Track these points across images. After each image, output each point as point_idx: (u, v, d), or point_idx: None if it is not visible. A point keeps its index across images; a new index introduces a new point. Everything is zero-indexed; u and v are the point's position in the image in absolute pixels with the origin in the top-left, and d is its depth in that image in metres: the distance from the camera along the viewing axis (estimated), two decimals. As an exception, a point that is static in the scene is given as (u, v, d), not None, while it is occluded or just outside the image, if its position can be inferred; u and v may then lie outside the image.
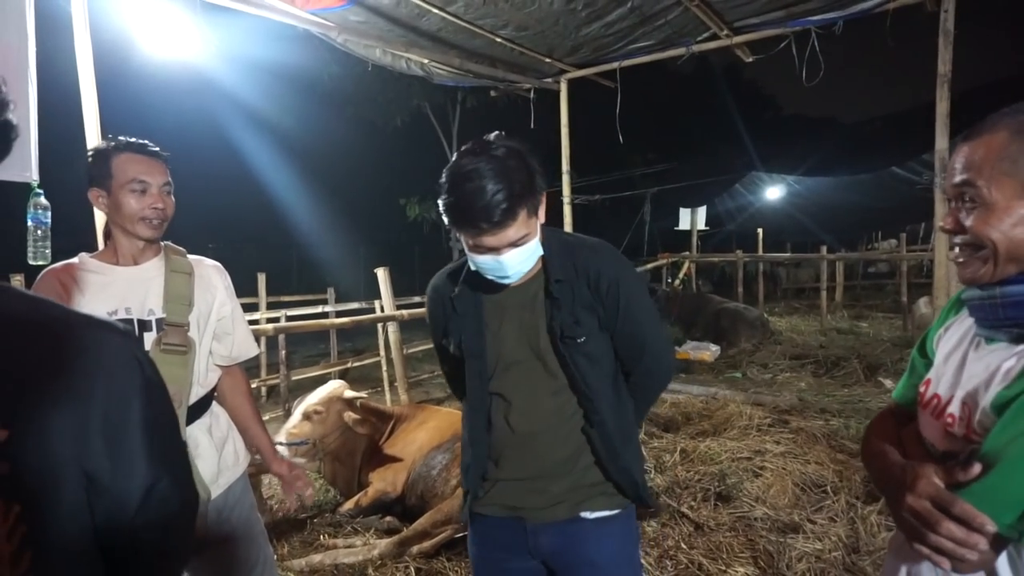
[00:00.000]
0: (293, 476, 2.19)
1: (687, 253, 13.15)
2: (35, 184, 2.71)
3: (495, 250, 1.44)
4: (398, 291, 6.56)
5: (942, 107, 4.02)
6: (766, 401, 5.89)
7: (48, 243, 2.93)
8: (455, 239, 16.21)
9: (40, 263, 2.93)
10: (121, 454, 0.94)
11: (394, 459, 3.80)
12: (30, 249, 2.83)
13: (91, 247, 3.25)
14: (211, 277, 2.00)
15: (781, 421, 5.16)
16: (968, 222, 1.03)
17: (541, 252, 1.54)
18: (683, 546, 3.18)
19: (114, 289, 1.81)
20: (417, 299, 9.00)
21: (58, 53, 3.30)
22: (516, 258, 1.47)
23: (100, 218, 3.25)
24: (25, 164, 2.65)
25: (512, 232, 1.43)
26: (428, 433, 3.78)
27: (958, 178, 1.03)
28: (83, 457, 0.90)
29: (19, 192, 2.72)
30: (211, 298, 1.96)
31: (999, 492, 0.94)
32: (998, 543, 0.97)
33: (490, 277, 1.53)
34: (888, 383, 6.54)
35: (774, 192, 17.64)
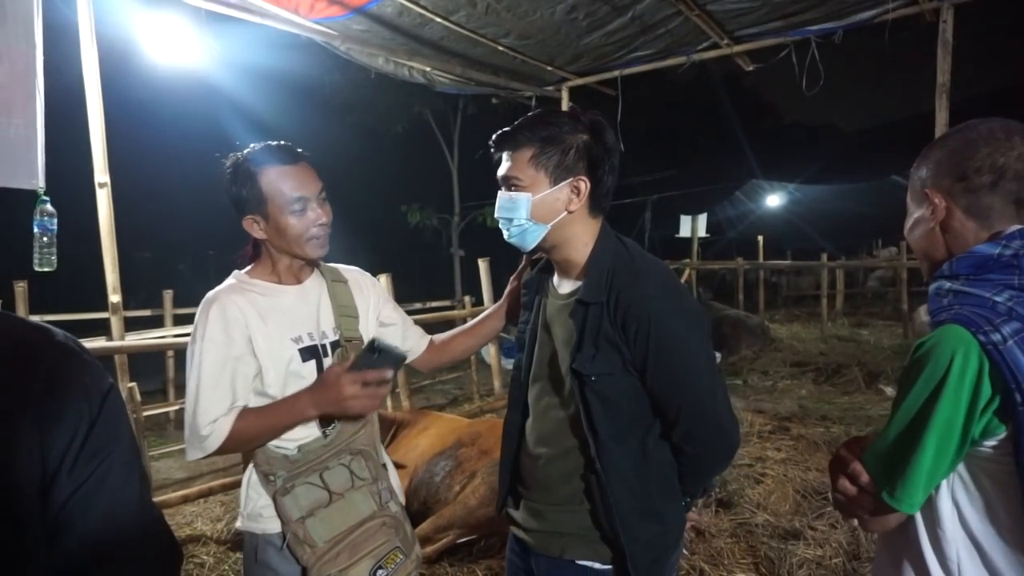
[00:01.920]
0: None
1: (688, 260, 13.16)
2: (41, 191, 2.73)
3: (501, 185, 1.46)
4: (399, 298, 6.53)
5: (941, 116, 4.05)
6: (767, 408, 5.90)
7: (54, 250, 2.95)
8: (456, 247, 16.26)
9: (45, 270, 2.94)
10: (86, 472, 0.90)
11: (396, 465, 3.79)
12: (36, 256, 2.85)
13: (96, 255, 3.29)
14: (362, 282, 1.86)
15: (782, 428, 5.17)
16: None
17: (533, 222, 1.42)
18: (684, 551, 3.19)
19: (291, 313, 1.64)
20: (418, 305, 9.00)
21: (64, 61, 3.34)
22: (503, 201, 1.44)
23: (107, 224, 3.29)
24: (32, 171, 2.66)
25: (507, 163, 1.43)
26: (430, 439, 3.78)
27: None
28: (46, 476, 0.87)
29: (25, 199, 2.74)
30: (367, 304, 1.82)
31: (872, 456, 1.11)
32: (885, 507, 1.09)
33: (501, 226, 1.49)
34: (888, 390, 6.54)
35: (774, 200, 17.72)
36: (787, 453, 4.49)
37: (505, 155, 1.45)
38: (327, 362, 1.64)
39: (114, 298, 3.44)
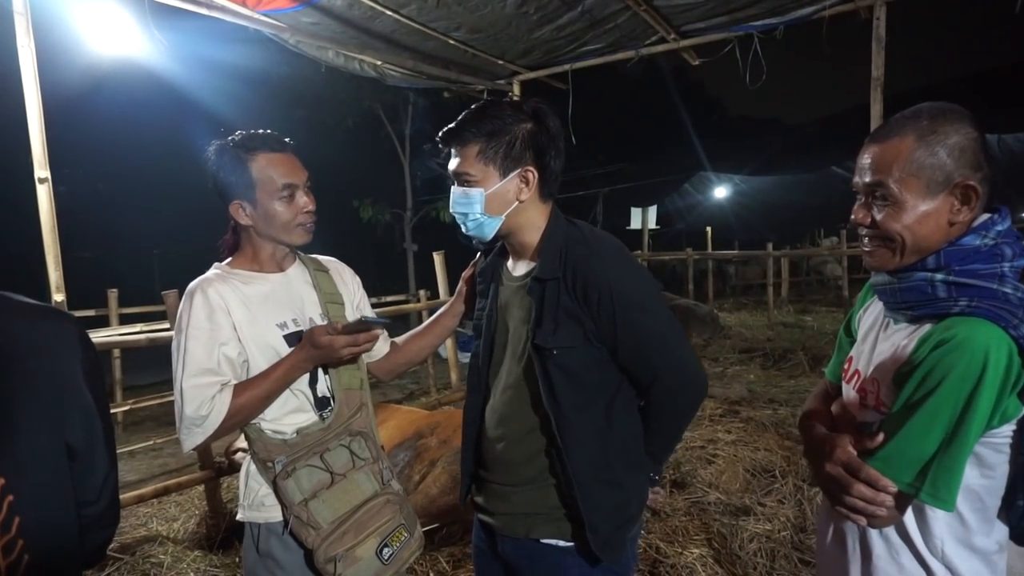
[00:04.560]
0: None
1: (639, 252, 13.39)
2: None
3: (453, 179, 1.49)
4: (354, 293, 6.52)
5: (876, 109, 4.24)
6: (717, 393, 6.07)
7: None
8: (409, 241, 16.15)
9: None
10: (93, 431, 1.06)
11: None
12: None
13: (37, 253, 3.19)
14: (342, 272, 1.88)
15: (732, 411, 5.35)
16: (879, 217, 1.15)
17: (487, 215, 1.47)
18: (641, 531, 3.29)
19: (275, 299, 1.64)
20: (373, 300, 8.94)
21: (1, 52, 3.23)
22: (457, 196, 1.48)
23: (48, 221, 3.20)
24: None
25: (457, 159, 1.47)
26: (389, 431, 3.80)
27: (870, 178, 1.14)
28: (63, 430, 0.99)
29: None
30: (348, 292, 1.84)
31: (898, 457, 1.08)
32: (903, 501, 1.11)
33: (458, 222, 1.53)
34: (831, 373, 6.80)
35: (721, 191, 18.13)
36: (737, 435, 4.65)
37: (454, 151, 1.48)
38: None
39: (57, 297, 3.34)
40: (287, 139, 1.67)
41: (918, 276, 1.13)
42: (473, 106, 1.48)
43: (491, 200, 1.46)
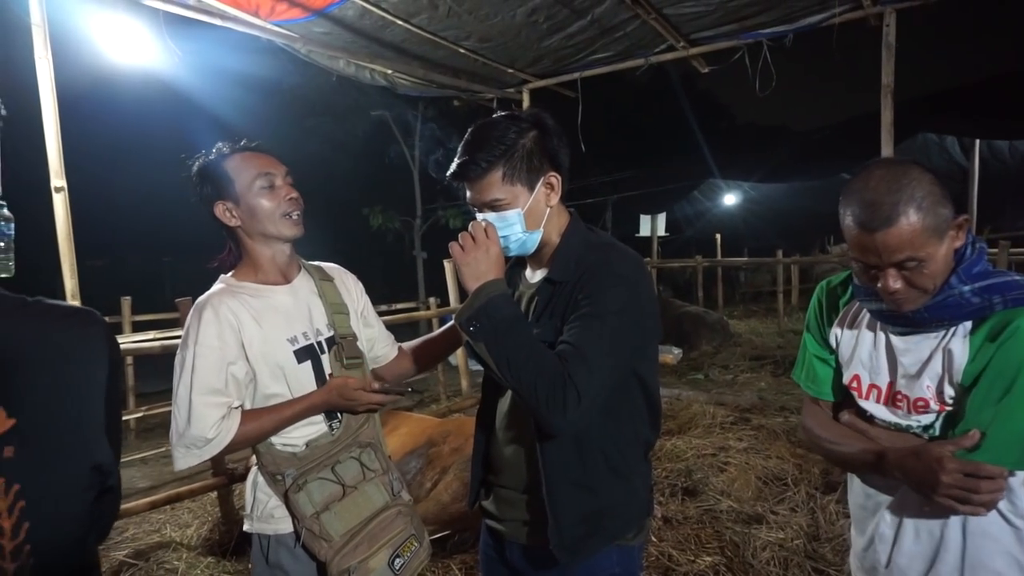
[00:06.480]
0: None
1: (648, 259, 13.37)
2: (-2, 196, 2.68)
3: (477, 208, 1.47)
4: (364, 300, 6.54)
5: (886, 116, 4.23)
6: (728, 401, 6.05)
7: (11, 256, 2.89)
8: (419, 249, 16.20)
9: (3, 276, 2.88)
10: (111, 433, 1.07)
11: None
12: (-8, 262, 2.79)
13: (52, 262, 3.22)
14: (347, 280, 1.88)
15: (743, 419, 5.32)
16: (913, 278, 1.25)
17: (528, 231, 1.46)
18: (653, 539, 3.28)
19: (284, 313, 1.63)
20: (383, 307, 8.98)
21: (17, 62, 3.27)
22: (494, 223, 1.44)
23: (64, 229, 3.23)
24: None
25: (482, 190, 1.43)
26: (401, 439, 3.81)
27: (900, 256, 1.22)
28: (87, 442, 1.01)
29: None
30: (352, 300, 1.84)
31: (1002, 444, 1.20)
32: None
33: None
34: (843, 381, 6.77)
35: (731, 198, 18.05)
36: (748, 442, 4.64)
37: (471, 183, 1.46)
38: (324, 359, 1.65)
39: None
40: (258, 142, 1.71)
41: (949, 298, 1.25)
42: (470, 135, 1.46)
43: (528, 216, 1.45)
